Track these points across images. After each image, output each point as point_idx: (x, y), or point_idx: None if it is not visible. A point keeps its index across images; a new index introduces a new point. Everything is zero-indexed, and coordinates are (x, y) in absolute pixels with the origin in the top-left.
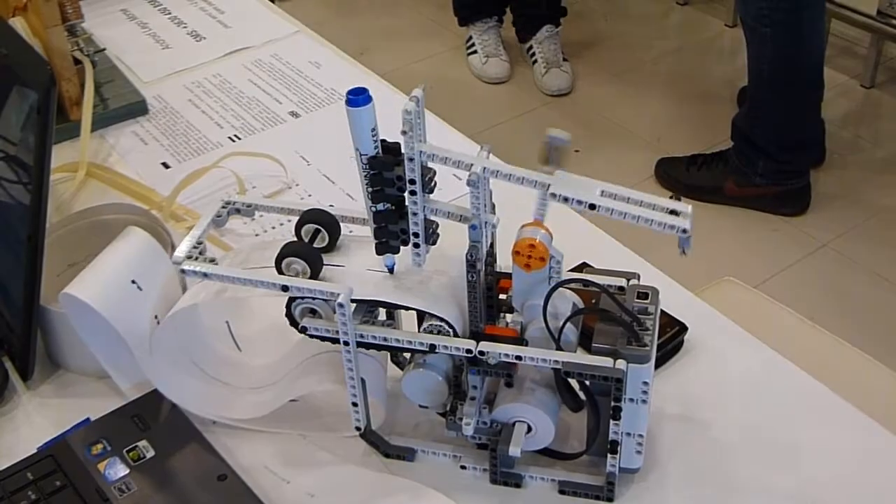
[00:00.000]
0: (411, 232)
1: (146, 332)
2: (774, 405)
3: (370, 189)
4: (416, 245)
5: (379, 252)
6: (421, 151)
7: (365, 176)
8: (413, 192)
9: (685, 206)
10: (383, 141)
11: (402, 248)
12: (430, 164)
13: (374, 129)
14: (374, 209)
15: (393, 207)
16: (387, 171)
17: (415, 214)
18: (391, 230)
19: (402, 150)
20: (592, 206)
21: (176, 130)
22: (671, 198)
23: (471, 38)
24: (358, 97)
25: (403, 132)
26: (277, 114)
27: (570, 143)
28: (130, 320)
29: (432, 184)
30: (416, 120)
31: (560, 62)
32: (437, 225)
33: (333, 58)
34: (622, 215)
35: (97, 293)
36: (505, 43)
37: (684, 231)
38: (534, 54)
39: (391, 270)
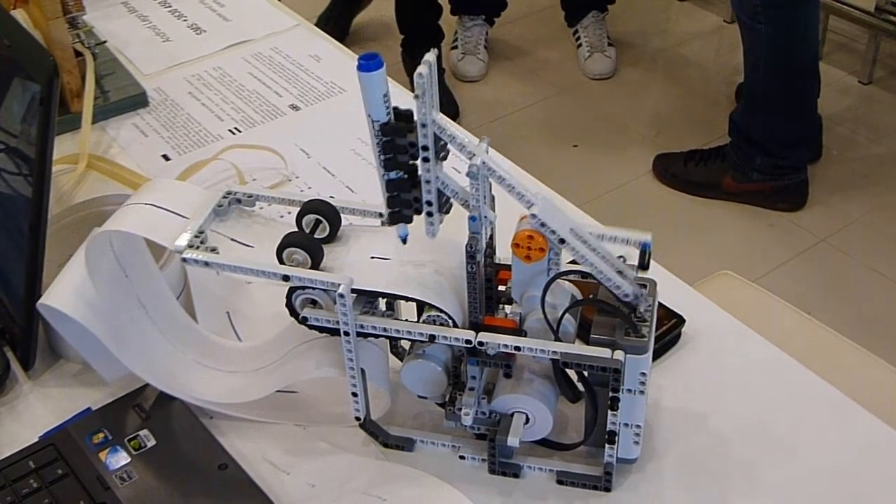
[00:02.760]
0: (424, 200)
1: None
2: (771, 397)
3: (382, 157)
4: (430, 213)
5: (392, 222)
6: (433, 120)
7: (377, 143)
8: (426, 160)
9: (650, 277)
10: (395, 108)
11: (415, 217)
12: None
13: (386, 95)
14: (386, 178)
15: (406, 176)
16: (399, 138)
17: (427, 182)
18: (404, 199)
19: (415, 117)
20: (562, 241)
21: (176, 123)
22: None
23: (456, 32)
24: (370, 62)
25: (416, 96)
26: (277, 107)
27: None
28: (105, 322)
29: (445, 151)
30: (428, 85)
31: (605, 47)
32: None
33: (333, 51)
34: (583, 260)
35: (71, 300)
36: (489, 44)
37: (626, 295)
38: (579, 38)
39: (404, 241)
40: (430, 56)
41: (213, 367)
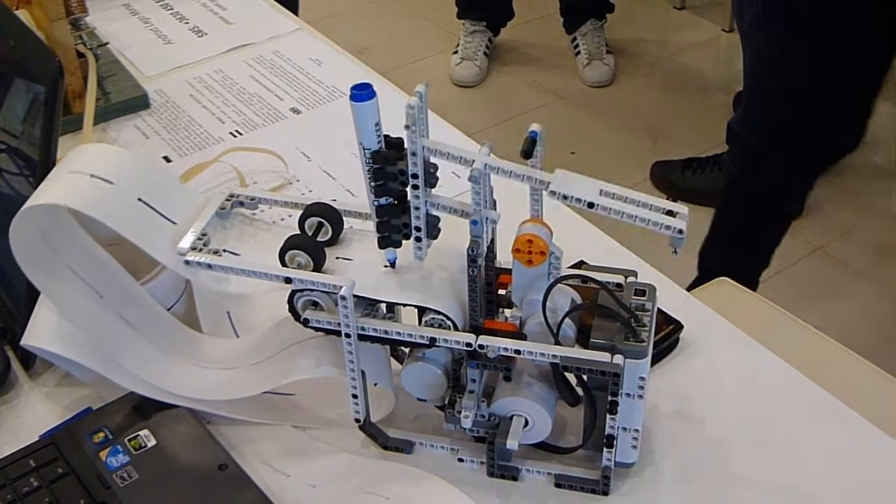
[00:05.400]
0: (413, 226)
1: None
2: (767, 403)
3: (373, 183)
4: (418, 239)
5: (381, 246)
6: (424, 146)
7: (368, 170)
8: (415, 187)
9: (681, 207)
10: (386, 136)
11: (403, 242)
12: (432, 160)
13: (377, 124)
14: (376, 203)
15: (395, 202)
16: (389, 166)
17: (417, 209)
18: (393, 224)
19: (405, 145)
20: (591, 205)
21: (177, 125)
22: (667, 198)
23: (459, 36)
24: (362, 92)
25: (406, 126)
26: (279, 110)
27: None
28: (90, 351)
29: (434, 178)
30: (419, 115)
31: (603, 55)
32: (439, 219)
33: (334, 55)
34: (619, 214)
35: (53, 337)
36: (491, 50)
37: (680, 232)
38: (577, 46)
39: (393, 265)
40: (421, 87)
41: (211, 367)
